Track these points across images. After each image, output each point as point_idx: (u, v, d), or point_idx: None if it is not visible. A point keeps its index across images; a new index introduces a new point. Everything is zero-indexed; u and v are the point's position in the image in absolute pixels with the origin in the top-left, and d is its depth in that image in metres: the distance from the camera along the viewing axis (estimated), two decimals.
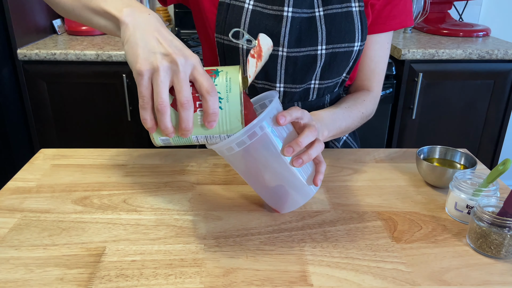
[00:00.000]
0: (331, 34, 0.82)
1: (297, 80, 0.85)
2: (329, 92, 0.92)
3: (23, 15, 1.70)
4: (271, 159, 0.62)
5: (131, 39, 0.56)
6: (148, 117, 0.56)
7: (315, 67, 0.84)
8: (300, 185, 0.65)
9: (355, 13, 0.83)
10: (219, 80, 0.57)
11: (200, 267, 0.58)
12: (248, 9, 0.81)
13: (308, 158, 0.62)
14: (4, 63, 1.65)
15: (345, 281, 0.56)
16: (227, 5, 0.82)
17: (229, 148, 0.59)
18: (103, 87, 1.70)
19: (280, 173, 0.63)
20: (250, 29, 0.81)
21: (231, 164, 0.66)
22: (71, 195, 0.75)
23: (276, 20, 0.80)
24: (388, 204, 0.74)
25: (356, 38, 0.84)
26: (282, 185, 0.65)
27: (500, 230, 0.59)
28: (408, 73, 1.73)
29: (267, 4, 0.81)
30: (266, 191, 0.68)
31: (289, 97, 0.88)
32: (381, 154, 0.92)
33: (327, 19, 0.82)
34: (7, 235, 0.64)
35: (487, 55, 1.70)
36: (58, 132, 1.77)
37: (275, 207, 0.70)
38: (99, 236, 0.64)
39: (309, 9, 0.82)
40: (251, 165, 0.64)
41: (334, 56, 0.84)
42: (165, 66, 0.54)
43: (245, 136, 0.58)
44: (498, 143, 1.90)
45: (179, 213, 0.70)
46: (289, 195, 0.66)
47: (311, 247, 0.62)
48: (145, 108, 0.55)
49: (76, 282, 0.55)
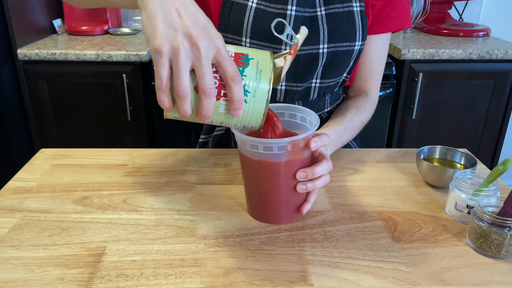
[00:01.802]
0: (333, 33, 0.83)
1: (299, 79, 0.86)
2: (330, 92, 0.92)
3: (23, 15, 1.70)
4: (279, 173, 0.62)
5: (150, 6, 0.51)
6: (166, 99, 0.51)
7: (317, 66, 0.85)
8: (288, 206, 0.66)
9: (356, 13, 0.84)
10: (249, 71, 0.53)
11: (200, 267, 0.58)
12: (251, 7, 0.81)
13: (312, 188, 0.64)
14: (4, 63, 1.65)
15: (345, 281, 0.56)
16: (231, 3, 0.83)
17: (259, 147, 0.59)
18: (103, 87, 1.70)
19: (278, 188, 0.64)
20: (253, 27, 0.81)
21: (241, 158, 0.65)
22: (71, 195, 0.75)
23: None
24: (388, 204, 0.74)
25: (357, 37, 0.84)
26: (273, 199, 0.65)
27: (500, 230, 0.59)
28: (408, 73, 1.73)
29: (270, 3, 0.81)
30: (258, 197, 0.67)
31: (290, 96, 0.88)
32: (381, 154, 0.92)
33: (329, 18, 0.83)
34: (7, 235, 0.64)
35: (487, 55, 1.70)
36: (58, 132, 1.77)
37: (255, 214, 0.69)
38: (99, 236, 0.64)
39: (311, 8, 0.82)
40: (259, 169, 0.63)
41: (336, 55, 0.85)
42: (186, 48, 0.49)
43: (286, 144, 0.58)
44: (498, 143, 1.90)
45: (179, 213, 0.70)
46: (274, 210, 0.66)
47: (311, 247, 0.62)
48: (163, 90, 0.51)
49: (76, 282, 0.55)
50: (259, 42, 0.82)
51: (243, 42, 0.82)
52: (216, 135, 0.97)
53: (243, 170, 0.67)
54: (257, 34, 0.81)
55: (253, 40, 0.82)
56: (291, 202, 0.66)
